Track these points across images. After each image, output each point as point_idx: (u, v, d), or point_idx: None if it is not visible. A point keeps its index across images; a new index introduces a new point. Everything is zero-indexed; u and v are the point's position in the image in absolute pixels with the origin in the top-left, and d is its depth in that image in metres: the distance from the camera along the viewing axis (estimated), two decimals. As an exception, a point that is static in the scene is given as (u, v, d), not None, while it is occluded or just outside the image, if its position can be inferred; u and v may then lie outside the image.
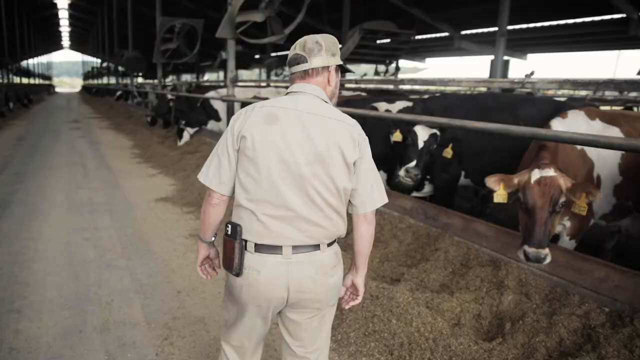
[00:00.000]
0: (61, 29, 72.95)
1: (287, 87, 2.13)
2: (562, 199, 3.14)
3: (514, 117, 4.82)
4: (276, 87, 13.24)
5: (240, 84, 13.34)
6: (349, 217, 2.06)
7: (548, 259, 3.07)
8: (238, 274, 1.94)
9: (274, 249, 1.92)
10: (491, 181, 3.38)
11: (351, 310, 3.54)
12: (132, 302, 3.97)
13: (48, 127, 17.89)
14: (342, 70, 2.14)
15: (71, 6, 50.30)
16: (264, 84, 19.30)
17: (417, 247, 4.54)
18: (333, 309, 2.17)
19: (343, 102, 6.35)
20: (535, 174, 3.19)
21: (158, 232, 5.66)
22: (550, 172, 3.18)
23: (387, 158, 5.52)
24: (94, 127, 18.28)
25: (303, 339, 2.12)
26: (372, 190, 2.00)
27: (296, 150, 1.87)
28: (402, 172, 4.73)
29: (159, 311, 3.82)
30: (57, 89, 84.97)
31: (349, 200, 2.01)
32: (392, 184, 5.32)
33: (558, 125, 3.83)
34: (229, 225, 1.97)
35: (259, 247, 1.93)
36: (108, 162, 10.37)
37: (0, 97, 24.07)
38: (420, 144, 4.72)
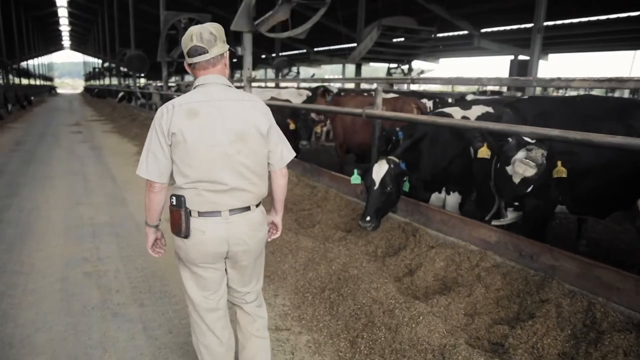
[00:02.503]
0: (61, 28, 71.92)
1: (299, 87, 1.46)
2: None
3: (626, 127, 3.81)
4: (298, 87, 12.23)
5: (254, 83, 12.33)
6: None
7: None
8: (186, 236, 2.30)
9: (215, 213, 2.30)
10: None
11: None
12: (149, 376, 2.98)
13: (47, 131, 16.88)
14: (231, 53, 2.44)
15: (70, 3, 49.20)
16: (281, 84, 18.35)
17: (510, 295, 3.54)
18: (262, 254, 2.65)
19: (437, 113, 5.08)
20: None
21: (174, 263, 4.63)
22: None
23: (464, 177, 4.55)
24: (96, 130, 17.26)
25: (243, 280, 2.57)
26: (282, 150, 2.49)
27: (219, 135, 2.23)
28: (521, 153, 3.45)
29: (187, 392, 2.83)
30: (59, 90, 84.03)
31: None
32: (480, 206, 4.33)
33: None
34: (174, 197, 2.30)
35: (201, 213, 2.29)
36: (111, 171, 9.41)
37: (-1, 98, 23.19)
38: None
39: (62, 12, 59.43)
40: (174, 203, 2.28)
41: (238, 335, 2.71)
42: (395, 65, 19.97)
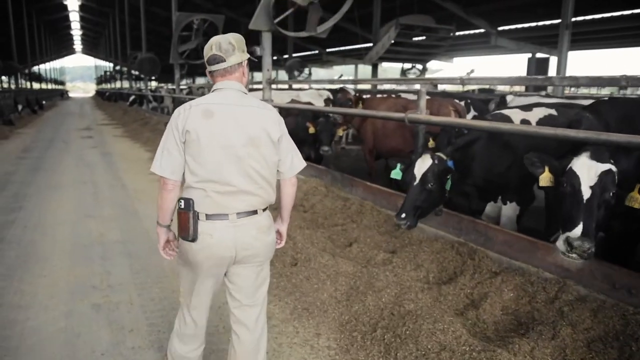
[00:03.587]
0: (73, 32, 72.10)
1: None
2: None
3: None
4: (317, 89, 11.66)
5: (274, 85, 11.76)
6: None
7: None
8: (194, 240, 2.31)
9: (222, 216, 2.33)
10: None
11: None
12: None
13: (57, 136, 16.44)
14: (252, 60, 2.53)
15: (82, 8, 49.16)
16: (299, 85, 17.81)
17: (605, 337, 2.90)
18: (268, 263, 2.61)
19: (499, 116, 4.39)
20: None
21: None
22: None
23: (523, 186, 3.97)
24: (106, 135, 16.79)
25: (247, 290, 2.52)
26: (293, 159, 2.54)
27: (232, 137, 2.30)
28: (561, 244, 3.01)
29: None
30: (71, 94, 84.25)
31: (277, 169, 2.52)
32: (551, 227, 3.72)
33: None
34: (182, 201, 2.32)
35: (209, 216, 2.32)
36: (123, 179, 8.88)
37: (9, 103, 22.86)
38: (586, 193, 2.98)
39: (74, 17, 59.36)
40: (182, 206, 2.31)
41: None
42: (410, 65, 19.40)
